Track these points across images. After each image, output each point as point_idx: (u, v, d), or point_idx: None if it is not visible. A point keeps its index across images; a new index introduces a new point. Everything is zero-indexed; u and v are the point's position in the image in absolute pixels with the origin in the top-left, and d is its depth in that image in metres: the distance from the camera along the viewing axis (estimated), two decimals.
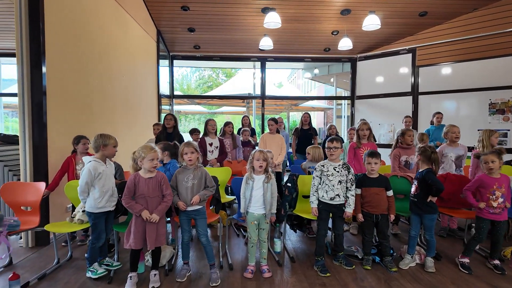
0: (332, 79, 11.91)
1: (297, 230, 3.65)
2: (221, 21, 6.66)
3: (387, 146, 5.26)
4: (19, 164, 3.21)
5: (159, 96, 7.23)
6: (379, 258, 2.84)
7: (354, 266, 2.77)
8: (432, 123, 5.36)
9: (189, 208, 2.53)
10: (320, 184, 2.76)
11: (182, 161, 2.60)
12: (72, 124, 3.68)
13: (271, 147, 4.06)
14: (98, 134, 2.63)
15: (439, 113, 5.24)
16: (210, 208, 3.17)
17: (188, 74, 29.35)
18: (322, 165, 2.75)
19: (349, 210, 2.70)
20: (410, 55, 7.25)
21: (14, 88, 10.04)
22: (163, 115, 7.48)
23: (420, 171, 2.79)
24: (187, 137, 4.98)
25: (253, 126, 6.97)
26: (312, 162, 3.68)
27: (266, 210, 2.61)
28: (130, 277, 2.44)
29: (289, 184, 3.15)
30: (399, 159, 3.49)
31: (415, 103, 7.15)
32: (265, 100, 8.46)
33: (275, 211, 2.68)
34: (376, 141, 3.92)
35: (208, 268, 2.65)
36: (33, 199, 2.81)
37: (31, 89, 3.15)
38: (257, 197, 2.61)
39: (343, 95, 12.56)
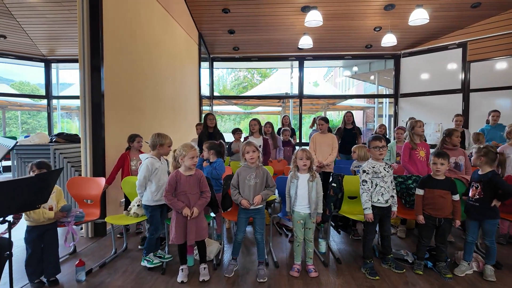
0: (372, 77, 11.50)
1: (341, 232, 3.60)
2: (260, 22, 6.74)
3: (434, 146, 4.98)
4: (80, 160, 3.50)
5: (200, 97, 7.47)
6: (432, 264, 2.71)
7: (404, 270, 2.67)
8: (488, 122, 4.98)
9: (252, 207, 2.58)
10: (372, 187, 2.66)
11: (244, 160, 2.66)
12: (125, 124, 3.94)
13: (322, 147, 4.00)
14: (155, 133, 2.79)
15: (495, 111, 4.85)
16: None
17: (224, 76, 29.94)
18: (373, 167, 2.66)
19: (394, 209, 2.67)
20: (460, 50, 6.79)
21: (69, 91, 10.96)
22: (204, 116, 7.75)
23: (483, 173, 2.61)
24: (227, 137, 5.11)
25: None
26: (359, 162, 3.59)
27: (312, 210, 2.60)
28: (182, 269, 2.57)
29: (334, 184, 3.11)
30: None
31: (466, 100, 6.68)
32: (302, 100, 8.39)
33: (321, 211, 2.66)
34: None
35: (254, 264, 2.70)
36: (94, 193, 3.05)
37: (91, 91, 3.43)
38: (303, 196, 2.62)
39: (384, 93, 12.07)
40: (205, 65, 7.98)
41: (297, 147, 4.33)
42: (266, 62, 8.84)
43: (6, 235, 1.97)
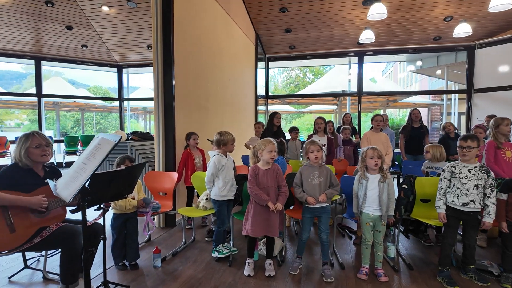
0: (439, 71, 10.58)
1: (410, 236, 3.38)
2: (318, 19, 6.62)
3: None
4: (153, 156, 3.81)
5: (257, 97, 7.61)
6: None
7: (489, 283, 2.42)
8: None
9: (317, 205, 2.58)
10: (449, 187, 2.48)
11: (307, 159, 2.67)
12: (192, 122, 4.19)
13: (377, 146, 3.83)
14: (218, 132, 2.92)
15: None
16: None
17: (275, 75, 30.05)
18: (453, 166, 2.46)
19: (488, 220, 2.34)
20: None
21: (135, 94, 11.98)
22: (260, 116, 7.88)
23: None
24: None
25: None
26: (432, 162, 3.34)
27: (383, 212, 2.49)
28: (248, 263, 2.65)
29: (405, 186, 2.93)
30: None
31: None
32: (361, 97, 8.06)
33: (393, 213, 2.53)
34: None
35: (317, 264, 2.68)
36: (168, 186, 3.30)
37: (164, 93, 3.70)
38: (373, 198, 2.51)
39: (454, 89, 11.02)
40: (260, 65, 8.10)
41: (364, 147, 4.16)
42: (322, 59, 8.67)
43: (99, 221, 2.23)
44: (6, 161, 8.04)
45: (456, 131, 4.71)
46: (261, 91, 8.21)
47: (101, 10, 6.72)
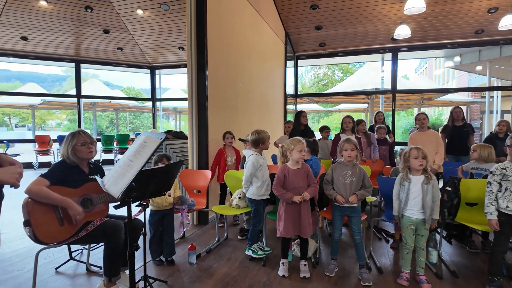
0: (480, 67, 9.93)
1: (454, 242, 3.19)
2: (350, 15, 6.44)
3: None
4: (186, 154, 3.88)
5: (285, 96, 7.55)
6: None
7: None
8: None
9: (346, 205, 2.52)
10: (499, 191, 2.30)
11: (340, 157, 2.61)
12: (223, 122, 4.22)
13: (425, 147, 3.61)
14: (255, 131, 2.92)
15: None
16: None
17: (302, 74, 29.72)
18: (503, 168, 2.28)
19: None
20: None
21: (167, 95, 12.34)
22: (288, 115, 7.81)
23: None
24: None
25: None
26: (478, 163, 3.13)
27: (426, 215, 2.36)
28: (283, 263, 2.62)
29: (448, 188, 2.77)
30: None
31: None
32: (395, 95, 7.74)
33: (437, 217, 2.39)
34: None
35: (353, 267, 2.60)
36: (202, 184, 3.35)
37: (197, 94, 3.76)
38: (415, 200, 2.39)
39: (498, 85, 10.31)
40: (289, 63, 8.03)
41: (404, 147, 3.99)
42: (354, 57, 8.43)
43: (138, 217, 2.30)
44: (49, 158, 8.58)
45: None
46: (289, 90, 8.14)
47: (136, 13, 6.97)
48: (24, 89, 12.80)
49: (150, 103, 10.42)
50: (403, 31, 5.95)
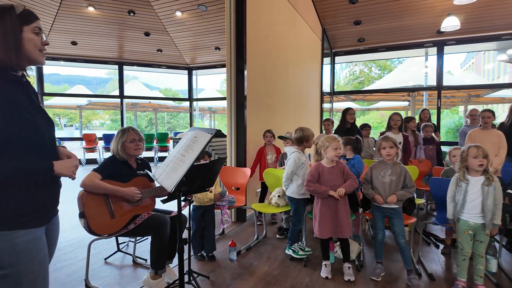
0: None
1: None
2: (392, 8, 6.14)
3: None
4: (224, 152, 3.92)
5: (322, 94, 7.38)
6: None
7: None
8: None
9: (384, 205, 2.40)
10: None
11: (379, 156, 2.50)
12: (261, 120, 4.21)
13: (485, 147, 3.34)
14: (299, 128, 2.86)
15: None
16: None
17: (337, 71, 28.98)
18: None
19: None
20: None
21: (202, 95, 12.61)
22: (325, 114, 7.63)
23: None
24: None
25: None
26: None
27: (486, 220, 2.16)
28: (325, 264, 2.54)
29: (510, 191, 2.52)
30: None
31: None
32: (441, 92, 7.27)
33: (499, 223, 2.18)
34: None
35: (400, 272, 2.46)
36: (241, 181, 3.36)
37: (236, 93, 3.78)
38: (474, 203, 2.20)
39: None
40: (326, 60, 7.84)
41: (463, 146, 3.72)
42: (395, 52, 8.04)
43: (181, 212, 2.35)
44: (95, 155, 9.13)
45: None
46: (325, 88, 7.95)
47: (175, 15, 7.18)
48: (72, 91, 13.77)
49: (186, 104, 10.72)
50: (451, 23, 5.55)
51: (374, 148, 4.85)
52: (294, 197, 2.77)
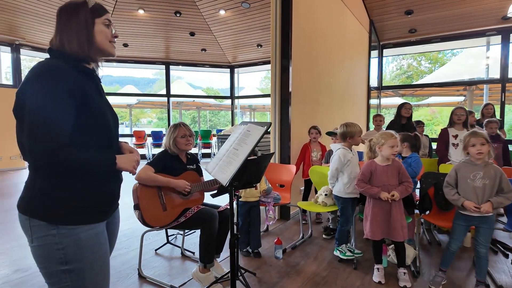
0: None
1: None
2: None
3: None
4: (268, 149, 3.88)
5: (369, 88, 7.03)
6: None
7: None
8: None
9: (475, 213, 2.11)
10: None
11: (466, 154, 2.24)
12: (304, 116, 4.10)
13: None
14: (344, 123, 2.72)
15: None
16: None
17: (384, 66, 27.49)
18: None
19: None
20: None
21: (242, 93, 12.72)
22: (372, 110, 7.26)
23: None
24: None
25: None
26: None
27: None
28: (378, 268, 2.39)
29: None
30: None
31: None
32: (506, 84, 6.55)
33: None
34: None
35: (464, 282, 2.23)
36: (287, 178, 3.30)
37: (280, 90, 3.72)
38: None
39: None
40: (373, 53, 7.45)
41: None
42: (450, 42, 7.40)
43: (228, 207, 2.35)
44: (144, 151, 9.64)
45: None
46: (372, 83, 7.56)
47: (219, 14, 7.30)
48: (123, 91, 14.70)
49: (227, 102, 10.89)
50: None
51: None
52: (340, 196, 2.65)
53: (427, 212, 2.73)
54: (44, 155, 0.95)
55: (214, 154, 9.69)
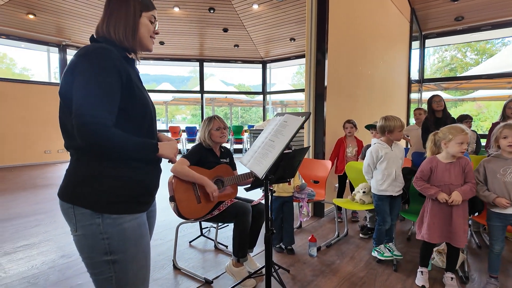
0: None
1: None
2: None
3: None
4: (302, 144, 3.79)
5: (409, 81, 6.63)
6: None
7: None
8: None
9: (509, 211, 1.96)
10: None
11: (497, 148, 2.06)
12: (342, 110, 3.95)
13: None
14: (384, 116, 2.56)
15: None
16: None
17: (425, 57, 25.90)
18: None
19: None
20: None
21: (273, 88, 12.62)
22: (413, 104, 6.85)
23: None
24: None
25: None
26: None
27: None
28: (421, 272, 2.23)
29: None
30: None
31: None
32: None
33: None
34: None
35: None
36: (322, 174, 3.20)
37: (315, 84, 3.60)
38: None
39: None
40: (414, 44, 7.01)
41: None
42: (502, 30, 6.75)
43: (261, 201, 2.31)
44: (179, 146, 9.92)
45: None
46: (413, 76, 7.13)
47: (252, 9, 7.26)
48: (159, 88, 15.22)
49: (259, 98, 10.85)
50: None
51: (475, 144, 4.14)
52: (375, 193, 2.51)
53: (476, 214, 2.50)
54: (89, 131, 0.91)
55: (246, 150, 9.74)
